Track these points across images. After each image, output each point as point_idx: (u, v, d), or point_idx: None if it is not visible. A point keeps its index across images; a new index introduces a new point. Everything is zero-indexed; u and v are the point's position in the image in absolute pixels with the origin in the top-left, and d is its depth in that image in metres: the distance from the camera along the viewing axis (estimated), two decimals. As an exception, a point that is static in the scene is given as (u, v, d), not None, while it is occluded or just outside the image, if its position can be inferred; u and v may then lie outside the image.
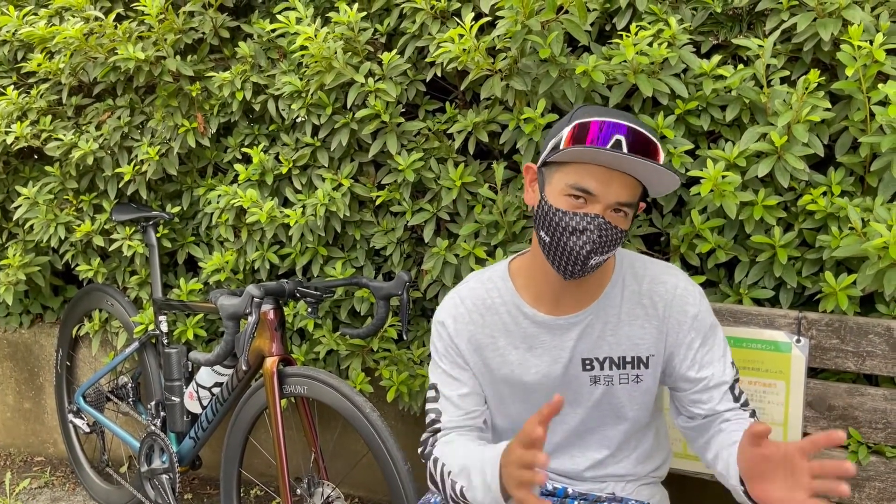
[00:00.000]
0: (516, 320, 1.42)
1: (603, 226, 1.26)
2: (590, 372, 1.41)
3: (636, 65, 1.72)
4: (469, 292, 1.46)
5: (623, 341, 1.40)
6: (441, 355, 1.47)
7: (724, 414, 1.39)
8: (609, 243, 1.28)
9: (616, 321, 1.40)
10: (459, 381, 1.45)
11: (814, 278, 1.71)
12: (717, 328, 1.41)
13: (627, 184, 1.27)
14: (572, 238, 1.27)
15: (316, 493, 1.98)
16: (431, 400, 1.47)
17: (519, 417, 1.47)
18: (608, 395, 1.42)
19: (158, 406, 2.41)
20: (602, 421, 1.45)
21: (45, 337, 3.01)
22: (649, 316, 1.39)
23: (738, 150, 1.67)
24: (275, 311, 1.96)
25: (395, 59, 2.03)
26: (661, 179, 1.26)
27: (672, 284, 1.40)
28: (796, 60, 1.76)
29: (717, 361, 1.39)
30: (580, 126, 1.29)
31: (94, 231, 2.55)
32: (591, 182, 1.26)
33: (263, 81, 2.25)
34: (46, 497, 2.87)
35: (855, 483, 1.63)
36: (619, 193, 1.26)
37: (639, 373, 1.41)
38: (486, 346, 1.44)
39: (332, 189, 2.14)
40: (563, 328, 1.40)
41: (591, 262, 1.29)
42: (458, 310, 1.45)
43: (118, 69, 2.36)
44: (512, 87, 1.84)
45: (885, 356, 1.57)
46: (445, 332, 1.46)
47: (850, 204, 1.59)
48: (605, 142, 1.26)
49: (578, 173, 1.27)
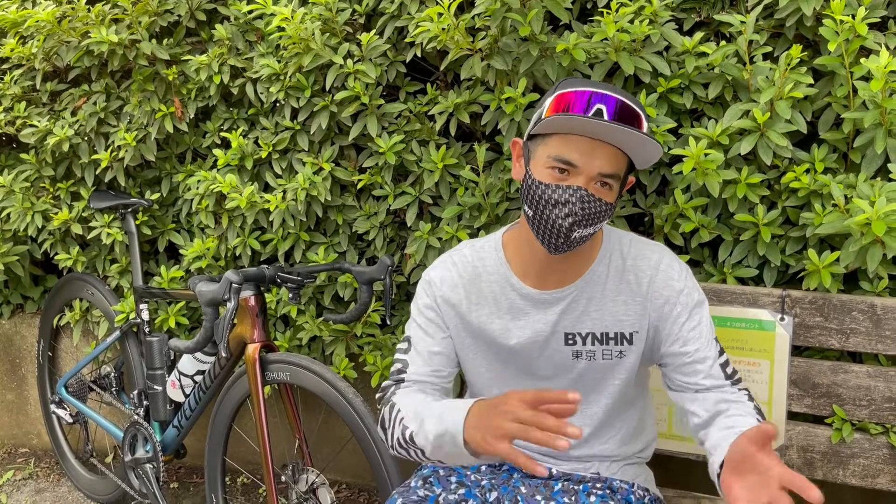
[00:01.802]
0: (504, 290, 1.42)
1: (585, 198, 1.25)
2: (572, 346, 1.40)
3: (617, 42, 1.70)
4: (461, 258, 1.46)
5: (607, 317, 1.39)
6: (421, 310, 1.46)
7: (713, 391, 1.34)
8: (593, 216, 1.26)
9: (601, 297, 1.39)
10: (434, 339, 1.45)
11: (797, 256, 1.70)
12: (703, 305, 1.39)
13: (611, 155, 1.25)
14: (555, 211, 1.26)
15: (300, 480, 1.96)
16: (401, 351, 1.46)
17: (496, 388, 1.47)
18: (591, 370, 1.42)
19: (141, 395, 2.38)
20: (585, 397, 1.44)
21: (26, 327, 2.97)
22: (633, 293, 1.38)
23: (720, 128, 1.65)
24: (256, 297, 1.94)
25: (375, 40, 1.99)
26: (644, 149, 1.24)
27: (656, 261, 1.39)
28: (779, 36, 1.74)
29: (704, 337, 1.37)
30: (562, 96, 1.27)
31: (71, 219, 2.51)
32: (573, 153, 1.24)
33: (241, 64, 2.21)
34: (31, 489, 2.84)
35: (839, 461, 1.63)
36: (602, 164, 1.25)
37: (622, 349, 1.40)
38: (469, 311, 1.44)
39: (313, 173, 2.11)
40: (548, 302, 1.40)
41: (575, 235, 1.27)
42: (448, 272, 1.45)
43: (92, 53, 2.32)
44: (492, 66, 1.81)
45: (868, 333, 1.56)
46: (432, 290, 1.45)
47: (833, 181, 1.58)
48: (587, 111, 1.24)
49: (560, 145, 1.26)
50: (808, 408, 1.64)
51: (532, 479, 1.49)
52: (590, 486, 1.46)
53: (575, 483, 1.47)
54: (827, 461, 1.64)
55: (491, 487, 1.48)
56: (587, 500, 1.44)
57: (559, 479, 1.48)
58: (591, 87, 1.27)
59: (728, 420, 1.29)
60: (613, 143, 1.25)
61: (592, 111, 1.24)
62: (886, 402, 1.57)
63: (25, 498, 2.77)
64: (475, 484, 1.47)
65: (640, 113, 1.28)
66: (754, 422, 1.27)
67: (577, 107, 1.25)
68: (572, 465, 1.49)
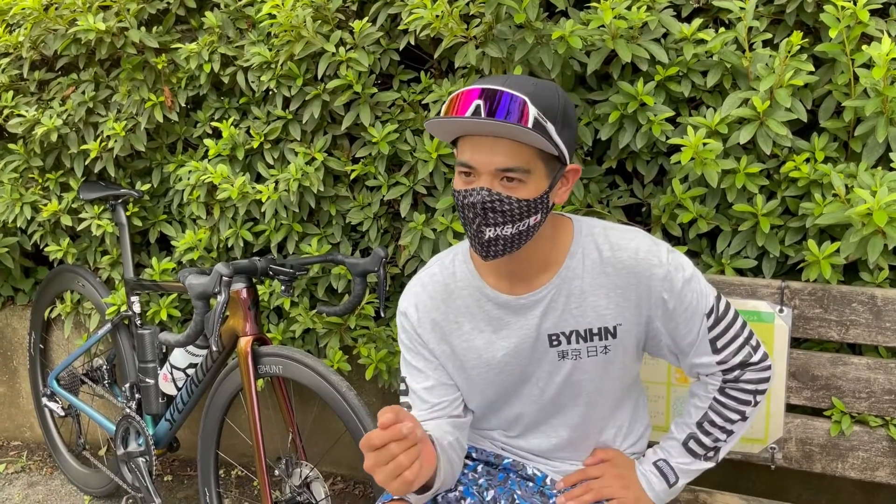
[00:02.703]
0: (479, 302, 1.38)
1: (486, 197, 1.21)
2: (557, 347, 1.36)
3: (614, 29, 1.66)
4: (430, 278, 1.42)
5: (588, 313, 1.34)
6: (407, 348, 1.44)
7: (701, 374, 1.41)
8: (502, 214, 1.22)
9: (580, 293, 1.34)
10: (424, 374, 1.42)
11: (797, 247, 1.68)
12: (691, 281, 1.32)
13: (507, 149, 1.20)
14: (469, 216, 1.23)
15: (294, 474, 1.94)
16: (402, 394, 1.46)
17: (490, 399, 1.44)
18: (577, 370, 1.38)
19: (133, 388, 2.36)
20: (574, 396, 1.41)
21: (18, 320, 2.94)
22: (615, 285, 1.33)
23: (719, 117, 1.62)
24: (247, 289, 1.91)
25: (367, 28, 1.96)
26: (531, 139, 1.18)
27: (634, 249, 1.32)
28: (779, 23, 1.71)
29: (696, 316, 1.34)
30: (453, 97, 1.24)
31: (61, 210, 2.47)
32: (467, 154, 1.23)
33: (232, 53, 2.17)
34: (23, 482, 2.82)
35: (839, 453, 1.61)
36: (500, 160, 1.20)
37: (606, 343, 1.36)
38: (451, 332, 1.40)
39: (305, 163, 2.08)
40: (526, 307, 1.35)
41: (489, 236, 1.23)
42: (419, 297, 1.42)
43: (79, 41, 2.27)
44: (487, 54, 1.78)
45: (868, 325, 1.54)
46: (408, 322, 1.42)
47: (834, 170, 1.55)
48: (466, 109, 1.20)
49: (462, 149, 1.24)
50: (808, 400, 1.62)
51: (528, 481, 1.47)
52: (585, 485, 1.45)
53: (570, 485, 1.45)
54: (826, 454, 1.62)
55: (488, 486, 1.46)
56: (584, 497, 1.42)
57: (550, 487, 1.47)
58: (485, 84, 1.21)
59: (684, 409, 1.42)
60: (501, 135, 1.19)
61: (471, 108, 1.19)
62: (886, 395, 1.55)
63: (18, 491, 2.75)
64: (472, 482, 1.45)
65: (523, 99, 1.19)
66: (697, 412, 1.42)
67: (459, 107, 1.21)
68: (566, 466, 1.48)
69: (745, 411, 1.39)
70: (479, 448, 1.53)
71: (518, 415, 1.45)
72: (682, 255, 1.35)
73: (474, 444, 1.54)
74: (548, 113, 1.21)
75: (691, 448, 1.42)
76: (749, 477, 2.01)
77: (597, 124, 1.81)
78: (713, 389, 1.40)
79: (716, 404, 1.40)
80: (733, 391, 1.38)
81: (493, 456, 1.51)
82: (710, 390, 1.40)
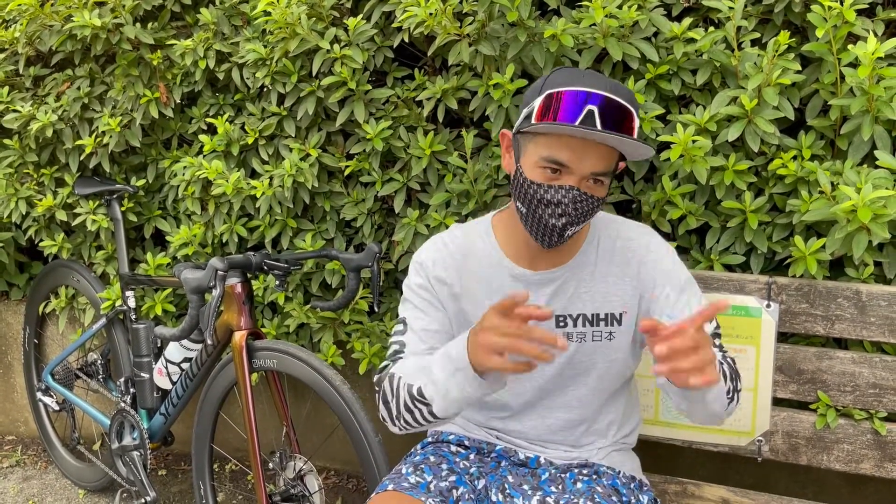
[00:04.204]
0: (496, 271, 1.42)
1: (578, 197, 1.25)
2: (563, 329, 1.41)
3: (606, 28, 1.68)
4: (452, 239, 1.46)
5: (597, 298, 1.40)
6: (415, 290, 1.44)
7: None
8: (585, 213, 1.28)
9: (590, 279, 1.40)
10: (430, 317, 1.42)
11: (784, 243, 1.70)
12: (692, 284, 1.41)
13: (603, 154, 1.25)
14: (548, 210, 1.27)
15: (288, 467, 1.96)
16: (397, 333, 1.42)
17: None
18: (580, 353, 1.42)
19: (128, 383, 2.37)
20: (573, 379, 1.44)
21: (12, 314, 2.95)
22: (623, 274, 1.40)
23: (708, 115, 1.65)
24: (242, 284, 1.92)
25: (362, 25, 1.97)
26: (636, 149, 1.24)
27: (645, 242, 1.41)
28: (767, 22, 1.73)
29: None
30: (552, 96, 1.25)
31: (56, 205, 2.48)
32: (565, 154, 1.24)
33: (227, 49, 2.18)
34: (18, 476, 2.83)
35: (824, 446, 1.64)
36: (595, 164, 1.24)
37: (612, 330, 1.41)
38: (462, 294, 1.43)
39: (300, 159, 2.10)
40: (539, 283, 1.41)
41: (568, 233, 1.29)
42: (440, 253, 1.44)
43: (75, 37, 2.28)
44: (480, 52, 1.80)
45: (853, 320, 1.57)
46: (424, 272, 1.44)
47: (820, 167, 1.58)
48: (577, 113, 1.22)
49: (551, 145, 1.25)
50: (794, 394, 1.65)
51: (519, 467, 1.49)
52: (576, 474, 1.47)
53: (561, 471, 1.47)
54: (812, 446, 1.65)
55: (479, 475, 1.48)
56: (574, 487, 1.44)
57: (546, 468, 1.48)
58: (581, 86, 1.24)
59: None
60: (608, 144, 1.24)
61: (583, 113, 1.22)
62: (870, 388, 1.58)
63: (13, 485, 2.76)
64: (464, 471, 1.47)
65: (631, 110, 1.26)
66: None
67: (566, 108, 1.23)
68: (559, 453, 1.50)
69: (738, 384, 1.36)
70: (471, 437, 1.55)
71: (516, 394, 1.47)
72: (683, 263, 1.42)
73: (467, 432, 1.56)
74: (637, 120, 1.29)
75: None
76: (737, 469, 2.04)
77: (588, 122, 1.83)
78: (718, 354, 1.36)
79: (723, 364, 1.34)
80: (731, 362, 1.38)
81: (486, 444, 1.54)
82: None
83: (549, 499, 1.40)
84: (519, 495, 1.42)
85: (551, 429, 1.48)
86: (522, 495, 1.42)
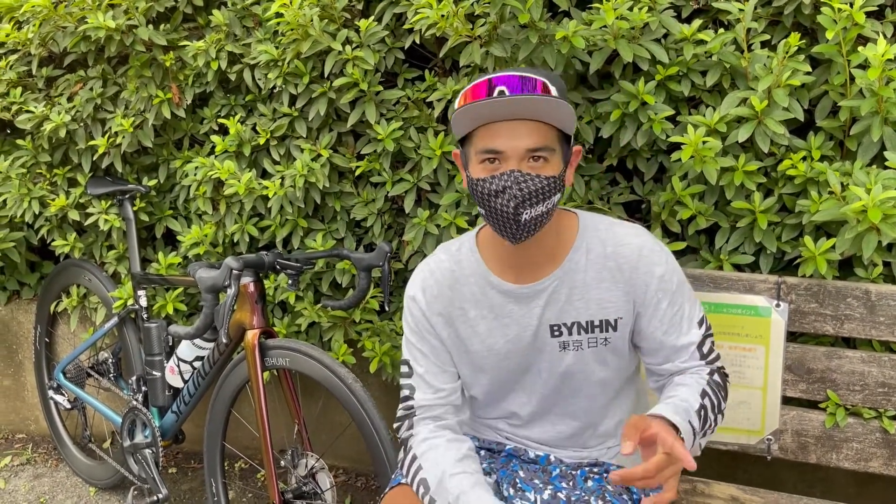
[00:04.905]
0: (483, 290, 1.42)
1: (520, 178, 1.24)
2: (558, 338, 1.40)
3: (616, 30, 1.70)
4: (437, 264, 1.46)
5: (591, 305, 1.39)
6: (413, 331, 1.46)
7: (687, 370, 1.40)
8: (535, 193, 1.26)
9: (583, 286, 1.38)
10: (429, 359, 1.45)
11: (793, 243, 1.71)
12: (684, 287, 1.39)
13: (533, 129, 1.25)
14: (498, 201, 1.26)
15: (300, 465, 1.98)
16: (405, 376, 1.47)
17: (492, 387, 1.47)
18: (579, 361, 1.41)
19: (140, 381, 2.39)
20: (577, 387, 1.44)
21: (23, 314, 2.97)
22: (615, 279, 1.38)
23: (718, 116, 1.66)
24: (255, 283, 1.94)
25: (373, 27, 1.99)
26: (559, 112, 1.24)
27: (637, 245, 1.37)
28: (777, 24, 1.75)
29: (685, 321, 1.38)
30: (465, 92, 1.29)
31: (68, 205, 2.50)
32: (495, 140, 1.25)
33: (239, 50, 2.20)
34: (29, 474, 2.85)
35: (833, 445, 1.65)
36: (528, 141, 1.25)
37: (608, 336, 1.40)
38: (457, 317, 1.43)
39: (311, 160, 2.12)
40: (529, 296, 1.39)
41: (525, 217, 1.26)
42: (427, 282, 1.45)
43: (89, 39, 2.30)
44: (491, 53, 1.81)
45: (862, 319, 1.58)
46: (417, 306, 1.45)
47: (830, 168, 1.59)
48: (489, 94, 1.25)
49: (483, 137, 1.27)
50: (803, 393, 1.66)
51: (531, 464, 1.51)
52: (587, 471, 1.48)
53: (573, 469, 1.49)
54: (821, 445, 1.66)
55: (490, 471, 1.50)
56: (584, 484, 1.45)
57: (557, 465, 1.49)
58: (497, 74, 1.28)
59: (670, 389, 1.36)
60: (528, 116, 1.24)
61: (495, 93, 1.24)
62: (880, 388, 1.59)
63: (24, 483, 2.78)
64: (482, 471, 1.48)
65: (542, 80, 1.27)
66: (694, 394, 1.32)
67: (477, 94, 1.26)
68: (569, 453, 1.51)
69: (722, 406, 1.38)
70: (480, 437, 1.57)
71: (521, 405, 1.48)
72: (676, 262, 1.40)
73: (476, 433, 1.57)
74: (561, 95, 1.29)
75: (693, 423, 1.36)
76: (745, 468, 2.05)
77: (598, 122, 1.85)
78: (705, 374, 1.39)
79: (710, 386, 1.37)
80: (718, 379, 1.40)
81: (496, 443, 1.55)
82: (703, 375, 1.38)
83: (561, 494, 1.41)
84: (531, 489, 1.43)
85: (561, 435, 1.49)
86: (534, 489, 1.43)
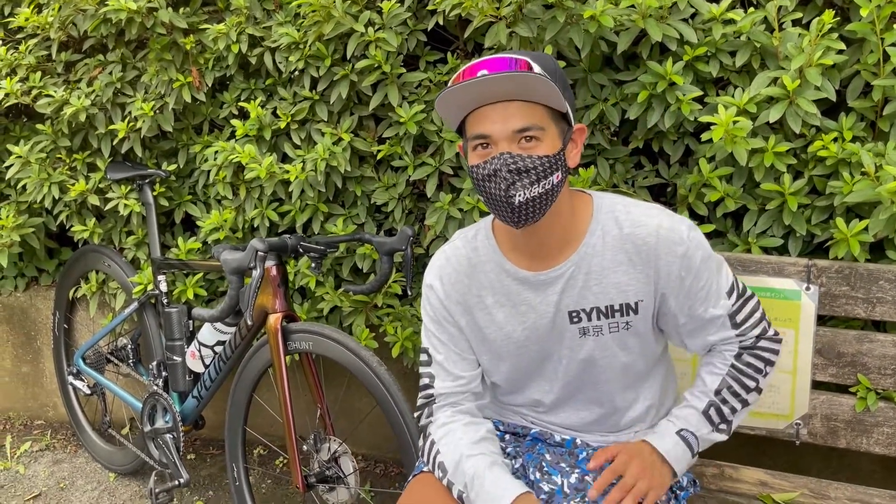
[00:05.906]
0: (499, 277, 1.40)
1: (510, 160, 1.23)
2: (578, 324, 1.38)
3: (645, 9, 1.68)
4: (454, 251, 1.45)
5: (609, 290, 1.35)
6: (431, 319, 1.46)
7: (716, 346, 1.41)
8: (527, 173, 1.24)
9: (600, 270, 1.35)
10: (448, 346, 1.45)
11: (823, 226, 1.69)
12: (709, 261, 1.35)
13: (520, 109, 1.24)
14: (492, 185, 1.25)
15: (323, 449, 1.97)
16: (424, 364, 1.47)
17: (512, 375, 1.46)
18: (600, 347, 1.39)
19: (160, 366, 2.39)
20: (599, 373, 1.42)
21: (42, 300, 2.98)
22: (634, 262, 1.34)
23: (748, 96, 1.64)
24: (277, 267, 1.93)
25: (396, 8, 1.97)
26: (543, 88, 1.22)
27: (655, 226, 1.33)
28: (808, 3, 1.72)
29: (713, 295, 1.36)
30: (454, 79, 1.28)
31: (88, 190, 2.50)
32: (483, 124, 1.25)
33: (259, 33, 2.19)
34: (48, 459, 2.86)
35: (863, 429, 1.64)
36: (516, 121, 1.24)
37: (628, 319, 1.37)
38: (474, 305, 1.42)
39: (332, 144, 2.10)
40: (545, 283, 1.37)
41: (519, 199, 1.24)
42: (444, 270, 1.44)
43: (109, 21, 2.29)
44: (517, 34, 1.79)
45: (895, 302, 1.56)
46: (435, 294, 1.45)
47: (863, 149, 1.57)
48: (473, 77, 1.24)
49: (472, 123, 1.27)
50: (833, 377, 1.64)
51: (557, 447, 1.50)
52: (613, 455, 1.47)
53: (599, 451, 1.48)
54: (851, 430, 1.65)
55: (516, 455, 1.49)
56: (611, 467, 1.44)
57: (584, 448, 1.48)
58: (479, 59, 1.28)
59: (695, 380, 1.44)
60: (508, 97, 1.24)
61: (478, 76, 1.23)
62: (912, 371, 1.57)
63: (43, 469, 2.80)
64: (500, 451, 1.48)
65: (525, 60, 1.26)
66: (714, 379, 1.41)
67: (463, 78, 1.25)
68: (596, 437, 1.50)
69: (759, 380, 1.40)
70: (505, 422, 1.56)
71: (544, 392, 1.47)
72: (701, 233, 1.35)
73: (502, 417, 1.56)
74: (549, 73, 1.27)
75: (710, 416, 1.40)
76: (770, 453, 2.03)
77: (624, 105, 1.83)
78: (730, 356, 1.40)
79: (733, 371, 1.40)
80: (750, 358, 1.40)
81: (521, 427, 1.54)
82: (727, 357, 1.41)
83: (588, 477, 1.40)
84: (557, 472, 1.42)
85: (585, 420, 1.48)
86: (560, 472, 1.42)
